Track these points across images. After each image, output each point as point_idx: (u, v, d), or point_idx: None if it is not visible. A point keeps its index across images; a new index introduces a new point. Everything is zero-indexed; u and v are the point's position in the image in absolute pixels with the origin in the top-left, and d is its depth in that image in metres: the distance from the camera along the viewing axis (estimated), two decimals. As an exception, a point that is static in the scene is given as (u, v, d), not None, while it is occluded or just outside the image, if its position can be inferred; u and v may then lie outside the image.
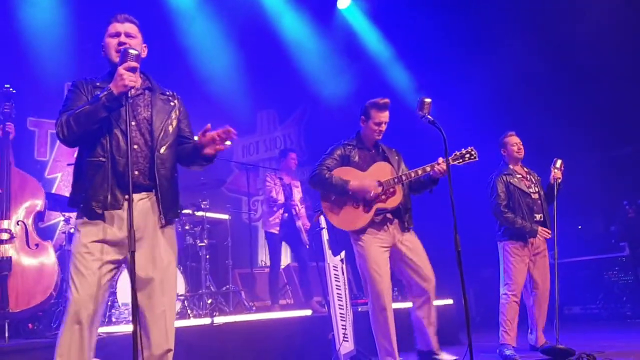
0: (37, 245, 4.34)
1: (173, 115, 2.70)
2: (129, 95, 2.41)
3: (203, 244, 5.81)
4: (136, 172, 2.50)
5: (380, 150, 3.99)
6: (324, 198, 3.79)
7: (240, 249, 6.95)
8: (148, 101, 2.64)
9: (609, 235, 7.33)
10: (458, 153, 3.81)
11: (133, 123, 2.53)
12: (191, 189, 6.10)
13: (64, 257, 4.63)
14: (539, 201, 4.66)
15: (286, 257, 8.94)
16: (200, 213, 5.90)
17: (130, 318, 3.47)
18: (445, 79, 7.54)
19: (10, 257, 4.16)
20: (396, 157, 3.99)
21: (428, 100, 3.30)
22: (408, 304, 5.77)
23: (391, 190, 3.76)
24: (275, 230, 6.07)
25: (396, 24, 8.16)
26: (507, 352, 4.43)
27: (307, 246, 6.12)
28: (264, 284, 6.61)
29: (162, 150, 2.59)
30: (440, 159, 3.72)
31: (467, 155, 3.81)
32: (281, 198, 6.09)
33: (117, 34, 2.60)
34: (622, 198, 7.13)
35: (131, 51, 2.41)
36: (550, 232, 4.60)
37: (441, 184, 3.81)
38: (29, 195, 4.46)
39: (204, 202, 5.89)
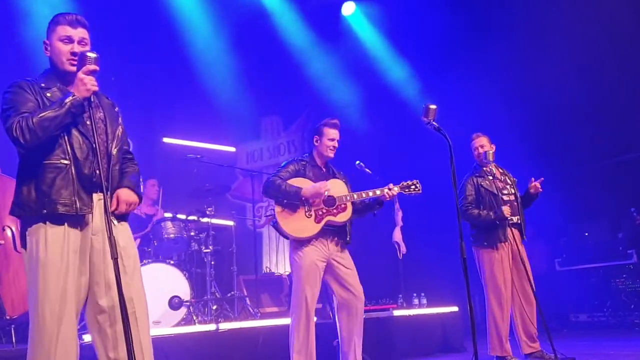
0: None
1: (119, 122, 2.67)
2: (91, 99, 2.36)
3: (208, 250, 5.81)
4: (97, 172, 2.41)
5: (330, 170, 4.15)
6: (277, 204, 3.87)
7: (245, 255, 6.95)
8: (97, 103, 2.56)
9: (617, 242, 7.28)
10: (404, 183, 4.01)
11: (88, 122, 2.44)
12: (196, 196, 6.11)
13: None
14: (515, 203, 4.52)
15: (291, 264, 8.93)
16: (205, 219, 5.91)
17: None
18: (451, 85, 7.53)
19: None
20: (343, 180, 4.12)
21: (433, 106, 3.29)
22: (409, 311, 5.76)
23: (342, 206, 3.91)
24: None
25: (401, 31, 8.16)
26: None
27: None
28: (269, 290, 6.61)
29: (114, 152, 2.55)
30: (391, 185, 3.94)
31: (413, 187, 4.02)
32: None
33: (69, 40, 2.49)
34: (630, 205, 7.08)
35: (89, 54, 2.34)
36: (512, 215, 4.40)
37: (448, 193, 3.80)
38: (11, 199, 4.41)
39: (209, 209, 5.89)
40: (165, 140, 7.91)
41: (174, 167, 6.91)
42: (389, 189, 3.93)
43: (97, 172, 2.41)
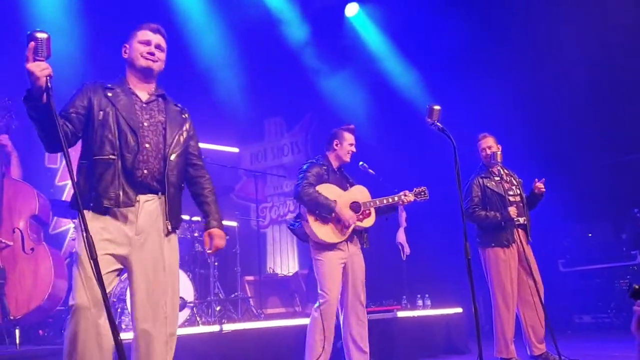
0: (32, 249, 4.39)
1: (184, 128, 2.73)
2: (49, 87, 2.19)
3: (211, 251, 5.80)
4: (145, 171, 2.49)
5: (344, 174, 4.34)
6: (309, 211, 4.03)
7: (249, 256, 6.95)
8: (162, 107, 2.67)
9: (620, 243, 7.26)
10: (417, 190, 4.24)
11: (146, 124, 2.55)
12: (200, 197, 6.11)
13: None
14: (521, 204, 4.52)
15: (294, 265, 8.94)
16: (209, 220, 5.90)
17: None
18: (454, 85, 7.52)
19: (3, 267, 4.20)
20: (355, 184, 4.33)
21: (437, 107, 3.29)
22: (413, 313, 5.75)
23: (367, 212, 4.15)
24: None
25: (405, 32, 8.16)
26: None
27: None
28: (273, 291, 6.61)
29: (172, 157, 2.59)
30: (407, 192, 4.18)
31: (422, 194, 4.23)
32: None
33: (148, 43, 2.65)
34: (633, 206, 7.06)
35: (38, 35, 2.12)
36: (518, 216, 4.40)
37: (451, 194, 3.80)
38: (22, 202, 4.52)
39: (212, 209, 5.88)
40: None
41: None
42: (405, 196, 4.17)
43: (145, 171, 2.49)
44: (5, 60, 5.62)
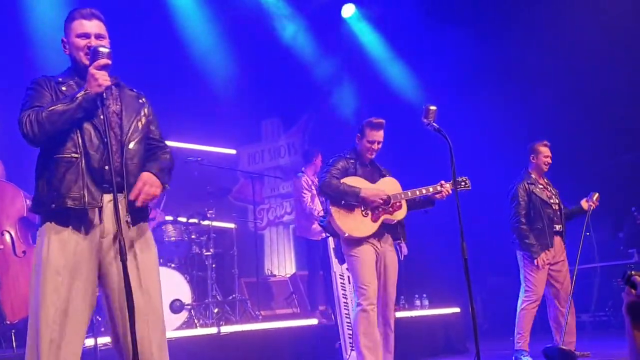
0: (24, 252, 4.28)
1: (142, 113, 2.59)
2: (104, 96, 2.32)
3: (209, 253, 5.80)
4: (107, 167, 2.34)
5: (376, 167, 4.14)
6: (333, 204, 3.85)
7: (247, 257, 6.94)
8: (116, 95, 2.53)
9: (618, 242, 7.27)
10: (456, 179, 3.86)
11: (101, 116, 2.38)
12: (197, 198, 6.11)
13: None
14: (559, 212, 4.72)
15: (292, 266, 8.94)
16: (206, 222, 5.90)
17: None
18: (450, 85, 7.53)
19: None
20: (387, 176, 4.13)
21: (433, 107, 3.30)
22: (410, 313, 5.76)
23: (397, 204, 3.91)
24: (321, 236, 6.12)
25: (401, 32, 8.17)
26: (524, 358, 4.48)
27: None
28: (271, 292, 6.61)
29: (130, 146, 2.47)
30: (443, 182, 3.93)
31: (463, 183, 4.01)
32: (318, 207, 6.12)
33: (86, 35, 2.47)
34: (631, 204, 7.07)
35: (102, 49, 2.32)
36: (555, 224, 4.65)
37: (451, 196, 3.82)
38: (9, 204, 4.36)
39: (210, 211, 5.89)
40: (166, 142, 7.90)
41: (174, 170, 6.91)
42: (441, 187, 3.93)
43: (107, 167, 2.34)
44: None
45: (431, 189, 3.93)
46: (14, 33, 6.24)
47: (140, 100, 2.64)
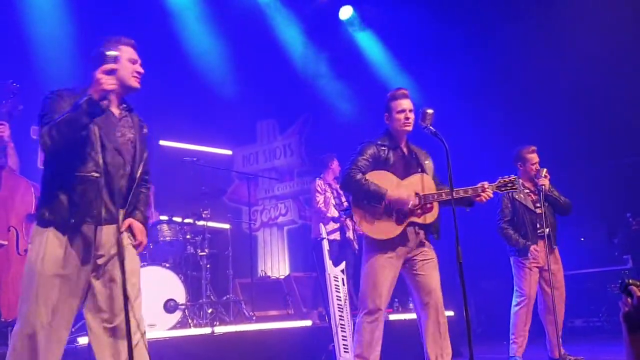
0: (25, 250, 4.15)
1: (145, 143, 2.76)
2: (108, 98, 2.42)
3: (204, 254, 5.79)
4: (119, 189, 2.56)
5: (413, 154, 3.72)
6: (355, 202, 3.54)
7: (241, 258, 6.93)
8: (131, 123, 2.69)
9: (612, 247, 7.29)
10: (502, 180, 3.59)
11: (120, 141, 2.58)
12: (192, 199, 6.10)
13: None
14: (543, 215, 4.59)
15: (285, 267, 8.93)
16: (201, 222, 5.89)
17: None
18: (447, 87, 7.54)
19: None
20: (426, 162, 3.70)
21: (430, 111, 3.30)
22: (405, 315, 5.75)
23: (428, 205, 3.53)
24: (336, 236, 6.14)
25: (398, 35, 8.18)
26: None
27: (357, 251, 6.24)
28: (265, 293, 6.59)
29: (138, 174, 2.65)
30: (486, 183, 3.52)
31: (510, 184, 3.58)
32: (332, 210, 6.16)
33: (136, 61, 2.66)
34: (625, 210, 7.09)
35: (108, 53, 2.40)
36: (540, 249, 4.60)
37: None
38: (20, 198, 4.29)
39: (204, 212, 5.88)
40: (162, 142, 7.89)
41: (170, 170, 6.89)
42: (483, 190, 3.49)
43: (121, 187, 2.56)
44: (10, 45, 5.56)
45: (470, 191, 3.50)
46: (13, 33, 6.23)
47: (144, 131, 2.77)
